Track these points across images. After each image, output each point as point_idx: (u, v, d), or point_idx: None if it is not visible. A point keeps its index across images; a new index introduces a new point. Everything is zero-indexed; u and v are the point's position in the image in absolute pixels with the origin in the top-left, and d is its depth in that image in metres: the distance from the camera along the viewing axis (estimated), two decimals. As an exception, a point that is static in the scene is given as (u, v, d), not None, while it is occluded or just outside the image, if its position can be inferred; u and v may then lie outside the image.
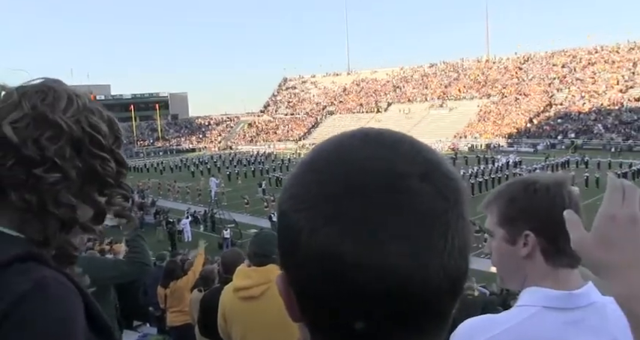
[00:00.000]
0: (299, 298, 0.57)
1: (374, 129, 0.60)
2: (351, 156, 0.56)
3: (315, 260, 0.54)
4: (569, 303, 1.25)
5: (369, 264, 0.51)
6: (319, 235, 0.53)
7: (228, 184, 42.29)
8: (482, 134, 65.85)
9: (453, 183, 0.56)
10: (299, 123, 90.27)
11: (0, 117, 0.93)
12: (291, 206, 0.57)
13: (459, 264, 0.54)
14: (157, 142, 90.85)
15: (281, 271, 0.61)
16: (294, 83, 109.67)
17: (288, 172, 24.10)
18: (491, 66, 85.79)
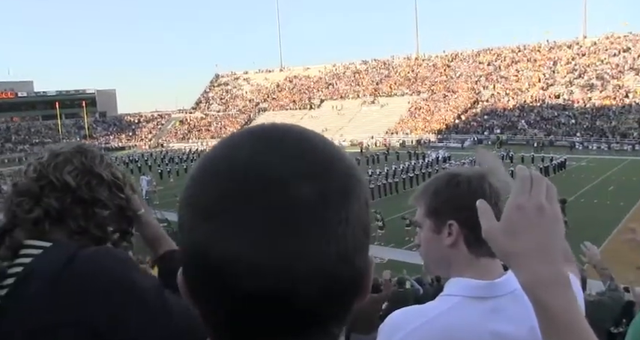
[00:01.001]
0: (189, 289, 0.58)
1: (263, 127, 0.60)
2: (235, 158, 0.56)
3: (190, 255, 0.56)
4: (490, 292, 1.30)
5: (226, 265, 0.52)
6: (193, 236, 0.55)
7: (160, 182, 41.46)
8: (412, 130, 67.32)
9: (337, 185, 0.56)
10: (232, 120, 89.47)
11: (59, 169, 1.31)
12: (180, 200, 0.59)
13: (336, 270, 0.54)
14: (84, 140, 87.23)
15: None
16: (226, 79, 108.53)
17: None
18: (420, 63, 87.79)
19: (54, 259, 1.19)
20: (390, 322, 1.33)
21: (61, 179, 1.30)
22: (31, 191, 1.29)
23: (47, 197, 1.28)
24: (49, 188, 1.29)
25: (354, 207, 0.56)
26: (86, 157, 1.37)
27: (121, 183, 1.41)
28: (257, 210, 0.52)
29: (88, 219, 1.30)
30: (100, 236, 1.33)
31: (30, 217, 1.26)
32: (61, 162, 1.33)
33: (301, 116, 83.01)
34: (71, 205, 1.29)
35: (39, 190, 1.29)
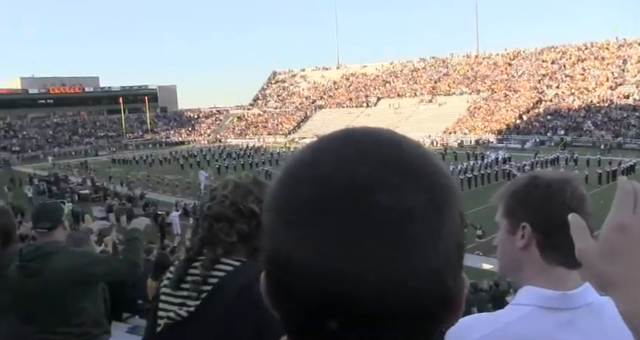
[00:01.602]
0: (271, 293, 0.58)
1: (352, 131, 0.58)
2: (319, 162, 0.55)
3: (271, 261, 0.55)
4: (563, 304, 1.26)
5: (307, 274, 0.51)
6: (275, 241, 0.54)
7: (218, 177, 41.97)
8: (471, 130, 66.04)
9: (429, 196, 0.53)
10: (288, 117, 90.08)
11: (244, 199, 1.66)
12: (264, 205, 0.58)
13: (424, 287, 0.51)
14: (145, 135, 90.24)
15: None
16: (283, 77, 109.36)
17: (277, 166, 24.11)
18: (480, 61, 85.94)
19: (241, 276, 1.56)
20: (459, 327, 1.28)
21: (247, 207, 1.65)
22: (227, 217, 1.64)
23: (238, 222, 1.64)
24: (238, 214, 1.64)
25: (448, 220, 0.54)
26: (261, 188, 1.68)
27: None
28: (340, 218, 0.51)
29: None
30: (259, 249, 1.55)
31: (229, 240, 1.63)
32: (244, 193, 1.68)
33: (357, 114, 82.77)
34: (256, 229, 1.62)
35: (233, 216, 1.64)
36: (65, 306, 3.21)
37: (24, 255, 3.23)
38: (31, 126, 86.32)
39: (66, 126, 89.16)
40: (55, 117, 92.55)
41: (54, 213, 3.37)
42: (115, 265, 3.32)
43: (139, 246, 3.43)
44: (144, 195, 34.73)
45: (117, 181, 42.03)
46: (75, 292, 3.22)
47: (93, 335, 3.32)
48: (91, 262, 3.29)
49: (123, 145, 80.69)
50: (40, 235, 3.34)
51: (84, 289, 3.28)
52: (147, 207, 30.23)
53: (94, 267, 3.25)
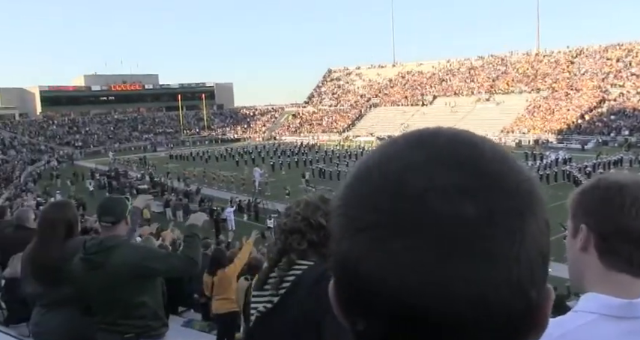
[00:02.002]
0: (339, 299, 0.56)
1: (423, 132, 0.56)
2: (389, 165, 0.52)
3: (340, 272, 0.54)
4: (629, 312, 1.20)
5: (377, 284, 0.49)
6: (343, 247, 0.52)
7: (272, 174, 42.53)
8: (530, 129, 64.35)
9: (510, 202, 0.50)
10: (343, 115, 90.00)
11: (314, 214, 2.04)
12: (333, 209, 0.56)
13: (504, 300, 0.49)
14: (202, 131, 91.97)
15: None
16: (338, 75, 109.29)
17: (331, 164, 24.07)
18: (541, 59, 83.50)
19: (314, 272, 1.92)
20: None
21: (316, 221, 2.01)
22: (299, 229, 2.02)
23: (309, 233, 2.01)
24: (309, 227, 2.02)
25: (531, 227, 0.50)
26: (327, 204, 2.00)
27: None
28: (411, 226, 0.48)
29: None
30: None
31: (300, 248, 2.01)
32: (314, 208, 2.05)
33: (412, 113, 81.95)
34: (324, 238, 1.96)
35: (304, 229, 2.02)
36: (126, 299, 3.26)
37: (87, 248, 3.29)
38: (94, 123, 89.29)
39: (126, 122, 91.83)
40: (115, 113, 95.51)
41: (118, 208, 3.42)
42: (175, 262, 3.34)
43: (198, 243, 3.46)
44: (199, 191, 35.37)
45: (174, 177, 42.98)
46: (135, 286, 3.26)
47: (152, 327, 3.36)
48: (152, 257, 3.32)
49: (180, 142, 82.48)
50: (104, 229, 3.39)
51: (144, 283, 3.32)
52: (202, 203, 30.80)
53: (154, 263, 3.29)
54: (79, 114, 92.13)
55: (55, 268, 3.50)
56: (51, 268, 3.51)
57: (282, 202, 32.41)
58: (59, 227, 3.64)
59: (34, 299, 3.73)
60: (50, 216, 3.72)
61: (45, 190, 37.53)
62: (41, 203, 22.08)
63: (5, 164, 53.53)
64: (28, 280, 3.66)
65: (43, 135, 79.20)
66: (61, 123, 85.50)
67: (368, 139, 71.74)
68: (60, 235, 3.62)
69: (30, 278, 3.64)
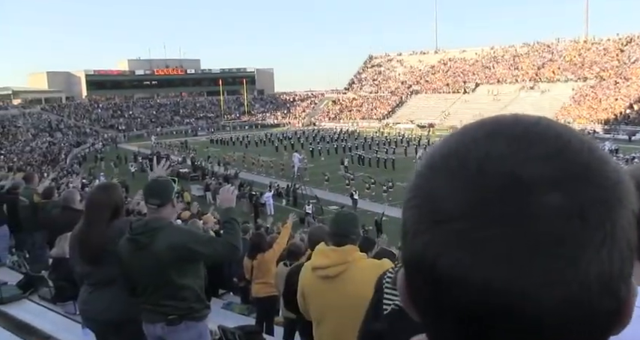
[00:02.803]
0: (411, 294, 0.54)
1: (501, 118, 0.53)
2: (467, 153, 0.50)
3: (414, 266, 0.51)
4: None
5: (457, 280, 0.46)
6: (421, 240, 0.49)
7: (311, 160, 42.63)
8: (576, 119, 62.68)
9: (599, 193, 0.47)
10: (383, 102, 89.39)
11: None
12: (405, 201, 0.54)
13: (594, 300, 0.46)
14: (242, 116, 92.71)
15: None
16: (379, 61, 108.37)
17: (370, 151, 23.86)
18: (589, 47, 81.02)
19: None
20: None
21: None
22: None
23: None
24: None
25: (621, 219, 0.47)
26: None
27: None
28: (493, 218, 0.46)
29: None
30: None
31: None
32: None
33: (454, 100, 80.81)
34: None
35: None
36: (169, 281, 3.30)
37: (134, 229, 3.34)
38: (137, 106, 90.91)
39: (168, 106, 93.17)
40: (158, 97, 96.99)
41: (164, 190, 3.46)
42: (218, 247, 3.37)
43: (238, 228, 3.46)
44: (237, 175, 35.71)
45: (214, 161, 43.50)
46: (179, 268, 3.30)
47: (195, 309, 3.40)
48: (196, 241, 3.35)
49: (221, 126, 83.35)
50: (150, 211, 3.44)
51: (188, 265, 3.35)
52: (242, 187, 31.09)
53: (197, 246, 3.32)
54: (122, 98, 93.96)
55: (101, 248, 3.57)
56: (97, 248, 3.59)
57: (320, 188, 32.56)
58: (105, 209, 3.70)
59: (83, 278, 3.82)
60: (97, 198, 3.79)
61: (90, 172, 38.49)
62: (86, 184, 22.67)
63: (52, 146, 55.04)
64: (77, 260, 3.75)
65: (88, 118, 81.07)
66: (105, 107, 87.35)
67: (408, 127, 71.16)
68: (106, 217, 3.68)
69: (78, 258, 3.72)
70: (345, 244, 3.05)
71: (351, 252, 3.03)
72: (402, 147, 47.96)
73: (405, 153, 44.35)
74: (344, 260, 3.01)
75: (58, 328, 5.58)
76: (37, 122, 67.80)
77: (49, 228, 7.23)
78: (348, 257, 3.01)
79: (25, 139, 53.90)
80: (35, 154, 46.06)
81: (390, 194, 29.19)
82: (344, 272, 3.00)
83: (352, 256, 3.03)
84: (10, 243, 8.60)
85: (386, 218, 23.28)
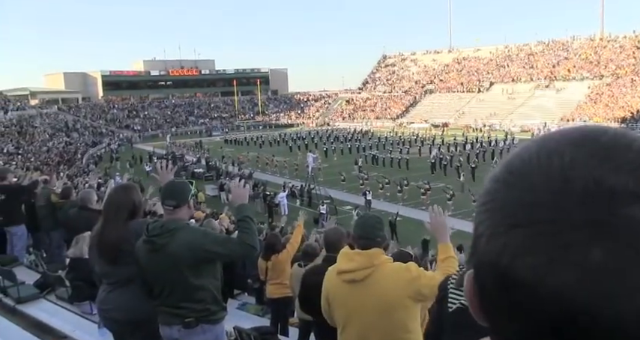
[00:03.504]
0: (480, 297, 0.54)
1: (583, 129, 0.52)
2: (550, 160, 0.49)
3: (487, 269, 0.50)
4: None
5: (532, 284, 0.46)
6: (497, 244, 0.49)
7: (325, 160, 42.62)
8: (592, 117, 62.12)
9: None
10: (397, 102, 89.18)
11: None
12: (479, 204, 0.53)
13: None
14: (256, 117, 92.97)
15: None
16: (393, 60, 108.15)
17: (384, 151, 23.69)
18: (605, 45, 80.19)
19: None
20: None
21: None
22: None
23: None
24: None
25: None
26: None
27: None
28: (575, 225, 0.45)
29: None
30: None
31: None
32: None
33: (468, 99, 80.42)
34: None
35: None
36: (186, 282, 3.30)
37: (150, 231, 3.34)
38: (152, 107, 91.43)
39: (183, 107, 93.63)
40: (173, 98, 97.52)
41: (181, 192, 3.46)
42: (234, 247, 3.35)
43: (253, 225, 3.43)
44: (252, 175, 35.77)
45: (229, 161, 43.63)
46: (196, 269, 3.30)
47: (212, 311, 3.39)
48: (212, 241, 3.35)
49: (235, 126, 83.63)
50: (167, 212, 3.44)
51: (204, 266, 3.35)
52: (256, 187, 31.13)
53: (214, 247, 3.31)
54: (138, 99, 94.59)
55: (119, 248, 3.58)
56: (115, 248, 3.60)
57: (334, 188, 32.51)
58: (124, 209, 3.72)
59: (101, 277, 3.84)
60: (116, 199, 3.81)
61: (105, 172, 38.76)
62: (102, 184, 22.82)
63: (69, 146, 55.50)
64: (96, 259, 3.77)
65: (104, 118, 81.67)
66: (121, 107, 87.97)
67: (422, 126, 70.90)
68: (124, 217, 3.70)
69: (97, 258, 3.75)
70: (370, 247, 3.04)
71: (377, 256, 3.02)
72: (416, 147, 47.84)
73: (419, 153, 44.22)
74: (370, 263, 2.99)
75: (75, 327, 5.61)
76: (54, 122, 68.36)
77: (66, 227, 7.29)
78: (374, 261, 2.99)
79: (42, 139, 54.31)
80: (52, 154, 46.37)
81: (405, 193, 29.09)
82: (370, 275, 2.99)
83: (378, 259, 3.01)
84: (28, 243, 8.68)
85: (400, 218, 23.19)
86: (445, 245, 3.32)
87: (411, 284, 2.93)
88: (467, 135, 56.64)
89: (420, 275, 2.97)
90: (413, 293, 2.93)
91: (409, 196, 28.93)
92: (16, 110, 62.37)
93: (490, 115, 71.54)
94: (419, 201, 27.44)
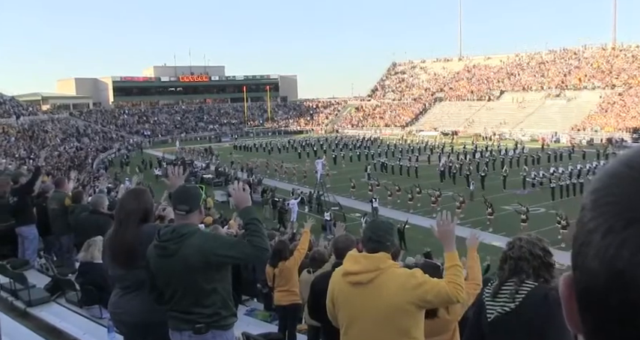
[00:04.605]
0: (580, 305, 0.51)
1: None
2: None
3: (603, 267, 0.47)
4: None
5: None
6: (614, 239, 0.47)
7: (333, 167, 42.62)
8: (603, 127, 61.79)
9: None
10: (406, 109, 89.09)
11: (534, 247, 2.89)
12: (590, 201, 0.51)
13: None
14: (266, 123, 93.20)
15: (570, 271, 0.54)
16: (403, 68, 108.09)
17: (393, 158, 23.64)
18: (617, 54, 79.79)
19: (542, 289, 2.68)
20: None
21: (536, 252, 2.81)
22: (526, 258, 2.86)
23: (533, 261, 2.84)
24: (532, 257, 2.83)
25: None
26: (542, 241, 2.89)
27: None
28: None
29: None
30: None
31: (528, 271, 2.80)
32: (534, 243, 2.84)
33: (478, 107, 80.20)
34: (542, 266, 2.82)
35: (529, 257, 2.86)
36: (197, 287, 3.32)
37: (161, 236, 3.37)
38: (162, 113, 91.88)
39: (192, 113, 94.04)
40: (183, 104, 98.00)
41: (193, 197, 3.48)
42: (246, 250, 3.36)
43: (261, 228, 3.43)
44: (261, 181, 35.81)
45: (238, 167, 43.74)
46: (206, 274, 3.31)
47: (222, 316, 3.40)
48: (223, 245, 3.36)
49: (244, 132, 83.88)
50: (178, 217, 3.46)
51: (215, 271, 3.36)
52: (265, 193, 31.16)
53: (226, 250, 3.32)
54: (148, 104, 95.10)
55: (132, 252, 3.61)
56: (128, 251, 3.64)
57: (343, 195, 32.50)
58: (136, 213, 3.76)
59: (114, 281, 3.87)
60: (127, 203, 3.84)
61: (116, 177, 38.96)
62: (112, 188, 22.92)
63: (79, 151, 55.85)
64: (109, 263, 3.81)
65: (115, 123, 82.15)
66: (131, 113, 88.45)
67: (431, 134, 70.78)
68: (136, 221, 3.74)
69: (110, 261, 3.78)
70: (378, 251, 3.05)
71: (383, 260, 3.03)
72: (425, 155, 47.78)
73: (429, 161, 44.13)
74: (376, 267, 3.00)
75: (84, 331, 5.64)
76: (65, 127, 68.82)
77: (77, 231, 7.35)
78: (381, 265, 3.00)
79: (54, 144, 54.71)
80: (63, 159, 46.69)
81: (416, 201, 29.02)
82: (375, 279, 2.99)
83: (385, 264, 3.02)
84: (39, 246, 8.74)
85: (408, 226, 23.16)
86: (451, 253, 3.32)
87: (416, 290, 2.93)
88: (476, 144, 56.49)
89: (425, 281, 2.98)
90: (417, 299, 2.93)
91: (419, 204, 28.86)
92: (28, 115, 62.87)
93: (500, 124, 71.32)
94: (428, 209, 27.36)
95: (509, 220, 24.08)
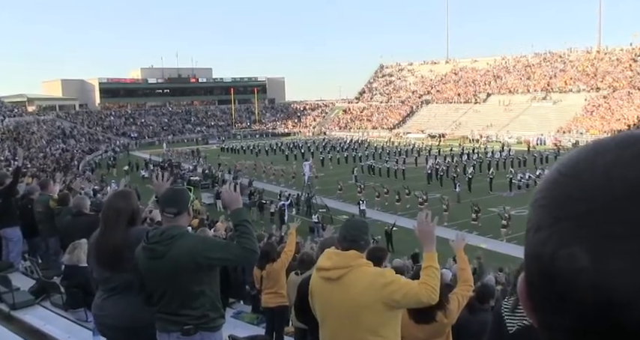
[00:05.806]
0: (528, 293, 0.55)
1: (630, 134, 0.54)
2: (595, 159, 0.51)
3: (533, 261, 0.52)
4: None
5: (572, 272, 0.47)
6: (542, 235, 0.51)
7: (320, 169, 42.65)
8: (588, 129, 62.38)
9: None
10: (394, 111, 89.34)
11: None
12: (530, 204, 0.55)
13: None
14: (253, 125, 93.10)
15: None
16: (390, 70, 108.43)
17: (381, 160, 23.84)
18: (602, 57, 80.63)
19: None
20: None
21: None
22: None
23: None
24: None
25: None
26: None
27: None
28: (618, 219, 0.47)
29: None
30: None
31: None
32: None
33: (465, 110, 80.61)
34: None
35: None
36: (186, 289, 3.31)
37: (150, 238, 3.36)
38: (149, 114, 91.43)
39: (180, 114, 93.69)
40: (170, 106, 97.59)
41: (181, 199, 3.48)
42: (235, 251, 3.36)
43: (251, 229, 3.44)
44: (251, 183, 35.70)
45: (225, 169, 43.62)
46: (195, 276, 3.31)
47: (210, 318, 3.40)
48: (212, 247, 3.37)
49: (231, 135, 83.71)
50: (166, 219, 3.45)
51: (204, 273, 3.36)
52: (252, 196, 31.11)
53: (214, 252, 3.32)
54: (135, 106, 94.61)
55: (118, 254, 3.60)
56: (114, 254, 3.62)
57: (330, 197, 32.52)
58: (123, 216, 3.74)
59: (99, 283, 3.85)
60: (114, 205, 3.82)
61: (102, 179, 38.71)
62: (97, 190, 22.79)
63: (65, 153, 55.41)
64: (94, 265, 3.79)
65: (101, 125, 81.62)
66: (118, 115, 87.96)
67: (418, 136, 71.07)
68: (123, 223, 3.72)
69: (95, 264, 3.76)
70: (350, 249, 3.07)
71: (354, 257, 3.05)
72: (412, 157, 47.97)
73: (416, 163, 44.34)
74: (346, 264, 3.03)
75: (69, 334, 5.60)
76: (51, 129, 68.27)
77: (61, 233, 7.29)
78: (351, 262, 3.03)
79: (39, 146, 54.24)
80: (48, 160, 46.28)
81: (404, 203, 29.10)
82: (344, 276, 3.02)
83: (356, 261, 3.04)
84: (24, 249, 8.66)
85: (396, 228, 23.19)
86: (430, 254, 3.29)
87: (384, 289, 2.94)
88: (463, 146, 56.82)
89: (393, 280, 2.99)
90: (384, 298, 2.94)
91: (408, 205, 28.94)
92: (13, 116, 62.29)
93: (487, 126, 71.78)
94: (416, 211, 27.44)
95: (496, 222, 24.25)
